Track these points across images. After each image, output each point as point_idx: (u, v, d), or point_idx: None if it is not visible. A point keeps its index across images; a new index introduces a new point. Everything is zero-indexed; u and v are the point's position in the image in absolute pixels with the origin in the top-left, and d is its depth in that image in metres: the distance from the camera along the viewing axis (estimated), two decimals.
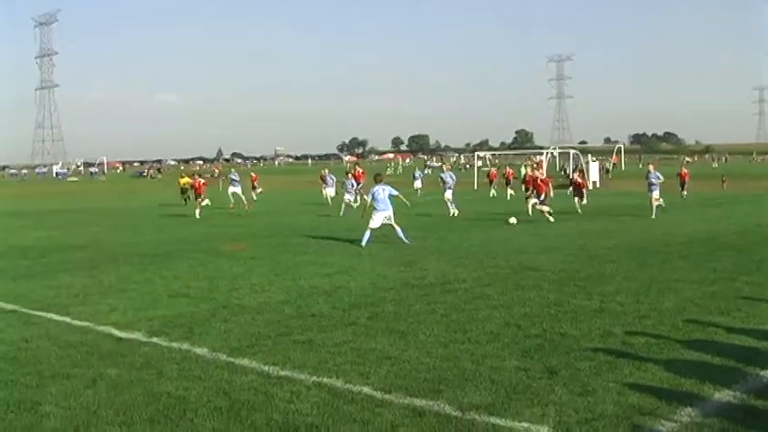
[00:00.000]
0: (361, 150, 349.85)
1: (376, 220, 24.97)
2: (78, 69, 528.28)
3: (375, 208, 25.31)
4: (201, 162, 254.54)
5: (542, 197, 33.67)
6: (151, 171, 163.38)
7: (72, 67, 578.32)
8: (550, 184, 29.66)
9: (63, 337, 12.66)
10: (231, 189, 48.22)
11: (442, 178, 42.07)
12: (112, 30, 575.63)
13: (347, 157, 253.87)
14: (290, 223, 33.73)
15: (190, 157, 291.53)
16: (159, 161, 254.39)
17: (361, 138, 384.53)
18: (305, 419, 8.39)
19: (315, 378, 9.90)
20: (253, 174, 61.90)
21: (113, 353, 11.56)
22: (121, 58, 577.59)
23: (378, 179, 26.14)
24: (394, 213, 25.15)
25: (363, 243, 24.22)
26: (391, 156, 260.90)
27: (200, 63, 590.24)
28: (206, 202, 40.64)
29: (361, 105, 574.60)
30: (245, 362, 10.82)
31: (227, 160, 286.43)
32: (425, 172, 67.23)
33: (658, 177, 35.90)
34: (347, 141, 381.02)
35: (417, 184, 65.23)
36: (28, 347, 12.08)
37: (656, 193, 35.58)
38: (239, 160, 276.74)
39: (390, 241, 24.81)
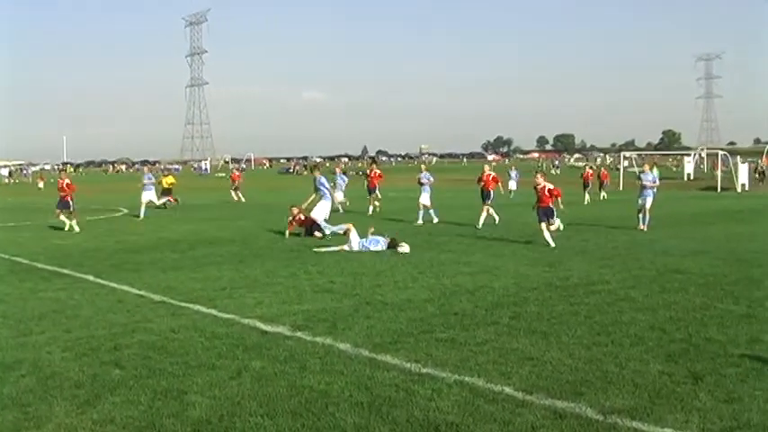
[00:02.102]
0: (505, 149, 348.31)
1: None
2: (226, 67, 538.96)
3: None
4: (347, 159, 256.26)
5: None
6: (297, 167, 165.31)
7: (221, 65, 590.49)
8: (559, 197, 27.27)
9: (209, 329, 12.97)
10: (145, 195, 41.56)
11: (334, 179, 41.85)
12: (260, 28, 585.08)
13: (491, 156, 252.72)
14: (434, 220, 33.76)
15: (336, 154, 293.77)
16: (305, 158, 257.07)
17: (506, 137, 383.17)
18: (445, 417, 8.43)
19: (456, 376, 9.93)
20: (235, 172, 61.33)
21: (258, 345, 11.79)
22: (268, 56, 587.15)
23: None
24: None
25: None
26: (536, 155, 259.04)
27: (345, 61, 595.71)
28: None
29: (507, 104, 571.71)
30: (387, 358, 10.92)
31: (371, 158, 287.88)
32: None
33: None
34: (492, 140, 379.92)
35: (512, 185, 60.07)
36: (175, 338, 12.41)
37: None
38: (384, 158, 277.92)
39: (535, 242, 24.69)
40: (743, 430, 7.95)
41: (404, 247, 22.91)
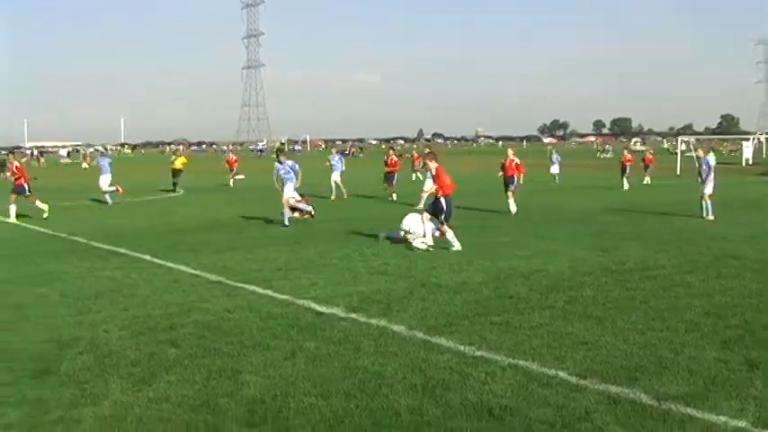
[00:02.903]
0: (561, 133, 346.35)
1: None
2: (283, 49, 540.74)
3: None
4: (402, 141, 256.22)
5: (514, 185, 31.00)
6: (353, 149, 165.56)
7: (278, 47, 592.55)
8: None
9: (264, 309, 13.06)
10: (101, 183, 39.21)
11: (329, 159, 41.74)
12: (315, 10, 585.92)
13: (547, 139, 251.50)
14: (490, 204, 33.55)
15: (392, 136, 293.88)
16: (361, 140, 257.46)
17: (561, 120, 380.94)
18: (499, 401, 8.43)
19: (510, 360, 9.92)
20: (232, 156, 59.71)
21: (312, 326, 11.86)
22: (323, 38, 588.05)
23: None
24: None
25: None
26: (592, 139, 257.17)
27: (399, 44, 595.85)
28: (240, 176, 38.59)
29: (565, 87, 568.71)
30: (441, 340, 10.93)
31: (427, 140, 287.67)
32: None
33: None
34: (548, 123, 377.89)
35: (554, 169, 58.75)
36: (231, 318, 12.52)
37: None
38: (440, 140, 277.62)
39: (592, 226, 24.57)
40: None
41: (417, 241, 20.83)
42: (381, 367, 9.70)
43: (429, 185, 33.30)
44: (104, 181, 39.00)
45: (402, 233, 21.35)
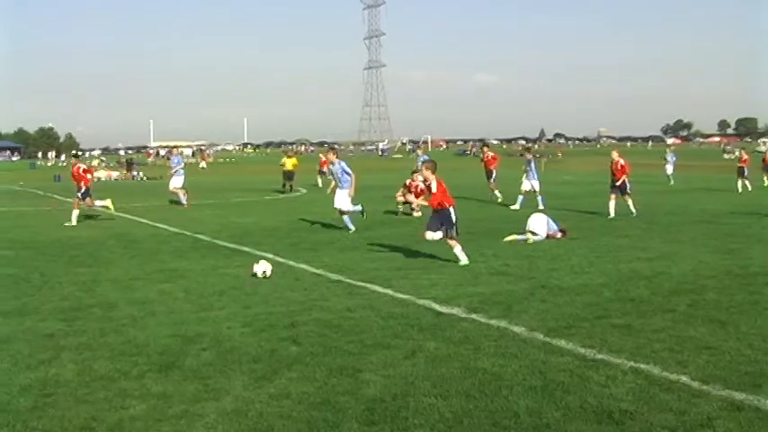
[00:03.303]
0: (685, 133, 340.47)
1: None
2: (404, 50, 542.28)
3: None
4: (524, 141, 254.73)
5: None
6: (474, 149, 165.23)
7: (398, 48, 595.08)
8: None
9: (385, 309, 13.11)
10: (173, 185, 37.86)
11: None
12: (435, 11, 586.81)
13: (671, 140, 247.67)
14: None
15: (513, 136, 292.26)
16: (482, 140, 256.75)
17: (686, 119, 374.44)
18: (619, 405, 8.34)
19: (631, 363, 9.80)
20: (321, 157, 57.91)
21: (433, 326, 11.87)
22: (443, 38, 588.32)
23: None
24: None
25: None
26: (716, 139, 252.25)
27: (516, 45, 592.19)
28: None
29: (689, 87, 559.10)
30: (561, 343, 10.85)
31: (549, 140, 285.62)
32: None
33: None
34: (671, 123, 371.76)
35: (668, 168, 57.06)
36: (351, 316, 12.60)
37: None
38: (561, 140, 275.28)
39: (716, 228, 24.17)
40: None
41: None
42: (501, 368, 9.67)
43: (527, 185, 33.50)
44: (177, 182, 37.75)
45: (529, 235, 21.40)
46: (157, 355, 10.41)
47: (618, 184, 29.52)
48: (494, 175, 38.23)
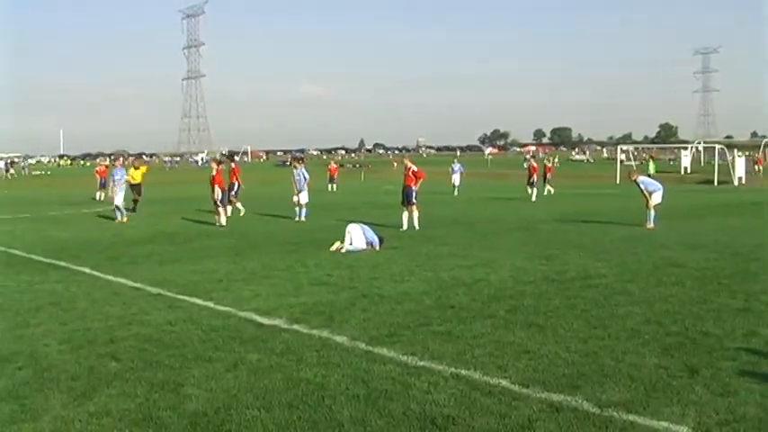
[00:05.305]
0: (502, 142, 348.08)
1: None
2: (224, 60, 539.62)
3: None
4: (344, 152, 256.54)
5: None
6: (293, 160, 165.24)
7: (218, 58, 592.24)
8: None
9: (206, 322, 12.98)
10: (117, 199, 34.24)
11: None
12: (257, 21, 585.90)
13: (488, 149, 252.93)
14: (432, 213, 33.47)
15: (332, 146, 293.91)
16: (302, 150, 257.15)
17: (502, 129, 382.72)
18: (442, 410, 8.44)
19: (453, 369, 9.94)
20: (332, 165, 61.03)
21: (255, 338, 11.81)
22: (265, 49, 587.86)
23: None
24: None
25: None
26: (533, 148, 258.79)
27: (342, 56, 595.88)
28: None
29: (505, 98, 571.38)
30: (383, 351, 10.92)
31: (369, 150, 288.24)
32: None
33: None
34: (488, 133, 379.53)
35: (455, 179, 56.00)
36: (172, 330, 12.43)
37: None
38: (381, 150, 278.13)
39: (531, 235, 24.71)
40: (739, 424, 7.95)
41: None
42: (324, 378, 9.68)
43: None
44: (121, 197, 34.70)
45: (347, 244, 21.65)
46: None
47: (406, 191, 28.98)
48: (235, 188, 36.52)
